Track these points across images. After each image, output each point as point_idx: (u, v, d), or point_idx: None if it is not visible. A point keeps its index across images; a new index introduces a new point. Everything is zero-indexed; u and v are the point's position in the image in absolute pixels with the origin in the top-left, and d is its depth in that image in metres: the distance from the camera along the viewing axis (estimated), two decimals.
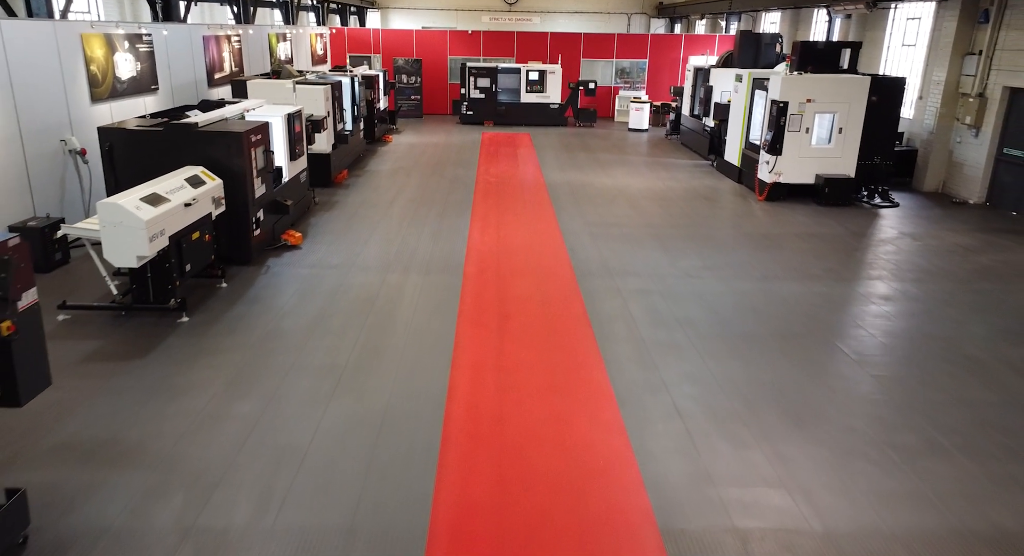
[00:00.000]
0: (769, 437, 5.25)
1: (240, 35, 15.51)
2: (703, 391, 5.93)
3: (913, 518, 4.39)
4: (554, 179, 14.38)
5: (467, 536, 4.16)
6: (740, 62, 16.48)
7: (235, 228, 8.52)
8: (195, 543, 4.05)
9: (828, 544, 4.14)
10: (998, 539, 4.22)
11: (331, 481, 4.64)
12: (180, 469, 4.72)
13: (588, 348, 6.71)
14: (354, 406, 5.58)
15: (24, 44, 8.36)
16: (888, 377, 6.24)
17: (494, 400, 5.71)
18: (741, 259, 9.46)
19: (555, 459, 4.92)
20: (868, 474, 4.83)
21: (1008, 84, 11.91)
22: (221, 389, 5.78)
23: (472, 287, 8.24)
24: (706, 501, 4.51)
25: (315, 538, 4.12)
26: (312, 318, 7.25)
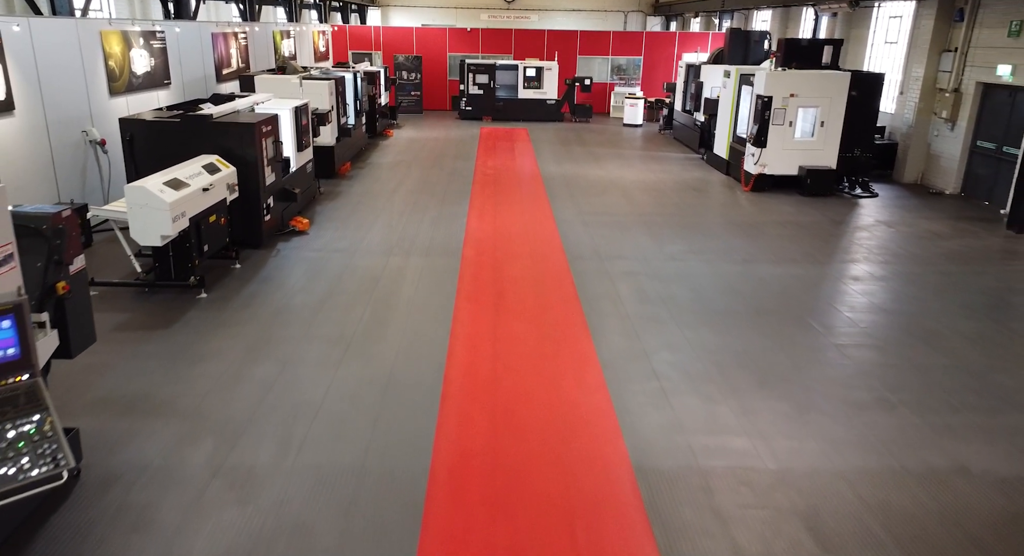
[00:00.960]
0: (736, 395, 5.83)
1: (247, 32, 16.06)
2: (679, 357, 6.51)
3: (857, 459, 4.96)
4: (550, 171, 14.94)
5: (463, 475, 4.73)
6: (730, 59, 17.05)
7: (247, 213, 9.08)
8: (225, 478, 4.62)
9: (780, 479, 4.72)
10: (928, 475, 4.80)
11: (343, 430, 5.21)
12: (208, 420, 5.29)
13: (576, 322, 7.29)
14: (362, 369, 6.15)
15: (49, 41, 8.91)
16: (849, 345, 6.82)
17: (489, 365, 6.28)
18: (724, 244, 10.03)
19: (543, 413, 5.49)
20: (821, 424, 5.40)
21: (981, 80, 12.48)
22: (240, 355, 6.35)
23: (470, 269, 8.81)
24: (676, 446, 5.09)
25: (330, 475, 4.69)
26: (321, 295, 7.82)
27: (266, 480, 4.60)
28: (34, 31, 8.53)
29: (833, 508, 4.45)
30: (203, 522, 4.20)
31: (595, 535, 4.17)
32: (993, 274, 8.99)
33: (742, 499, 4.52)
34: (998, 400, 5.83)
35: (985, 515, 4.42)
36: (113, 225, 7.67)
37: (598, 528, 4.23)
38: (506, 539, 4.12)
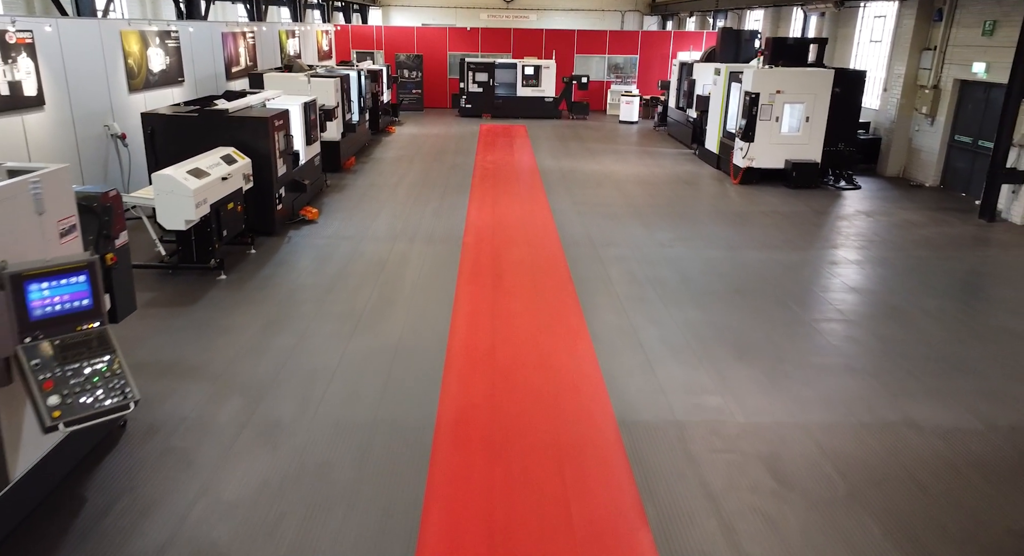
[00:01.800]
0: (714, 363, 6.40)
1: (254, 32, 16.63)
2: (664, 331, 7.08)
3: (818, 415, 5.54)
4: (547, 165, 15.51)
5: (465, 426, 5.31)
6: (721, 57, 17.62)
7: (261, 202, 9.65)
8: (254, 429, 5.19)
9: (747, 430, 5.30)
10: (880, 428, 5.38)
11: (356, 391, 5.79)
12: (235, 382, 5.86)
13: (569, 300, 7.86)
14: (372, 341, 6.72)
15: (75, 41, 9.47)
16: (820, 320, 7.40)
17: (488, 337, 6.86)
18: (711, 232, 10.60)
19: (536, 378, 6.07)
20: (789, 386, 5.98)
21: (958, 77, 13.06)
22: (259, 329, 6.93)
23: (470, 254, 9.39)
24: (656, 404, 5.67)
25: (347, 427, 5.26)
26: (331, 277, 8.40)
27: (290, 430, 5.18)
28: (62, 31, 9.10)
29: (792, 453, 5.03)
30: (237, 463, 4.78)
31: (581, 475, 4.74)
32: (961, 259, 9.58)
33: (712, 446, 5.10)
34: (950, 367, 6.41)
35: (926, 459, 4.99)
36: (140, 212, 8.23)
37: (584, 469, 4.80)
38: (503, 478, 4.70)
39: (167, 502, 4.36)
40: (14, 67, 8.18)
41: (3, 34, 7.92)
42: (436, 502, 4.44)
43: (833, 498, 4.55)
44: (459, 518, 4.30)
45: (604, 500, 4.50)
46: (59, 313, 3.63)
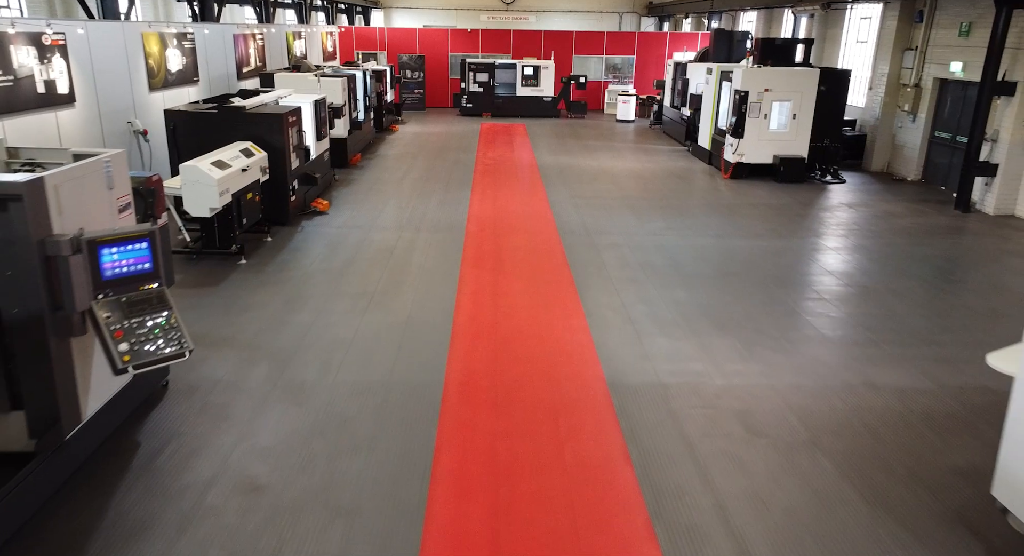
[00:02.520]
0: (697, 335, 7.01)
1: (263, 34, 17.25)
2: (652, 309, 7.69)
3: (788, 378, 6.15)
4: (545, 161, 16.13)
5: (471, 385, 5.92)
6: (714, 57, 18.24)
7: (276, 193, 10.26)
8: (282, 389, 5.80)
9: (724, 390, 5.91)
10: (843, 388, 5.99)
11: (371, 358, 6.40)
12: (262, 350, 6.48)
13: (565, 282, 8.47)
14: (384, 316, 7.33)
15: (102, 42, 10.08)
16: (798, 299, 8.01)
17: (490, 312, 7.47)
18: (701, 222, 11.22)
19: (534, 347, 6.68)
20: (764, 354, 6.59)
21: (938, 76, 13.69)
22: (280, 306, 7.54)
23: (473, 241, 10.00)
24: (642, 369, 6.28)
25: (364, 387, 5.87)
26: (344, 262, 9.01)
27: (314, 390, 5.79)
28: (90, 33, 9.71)
29: (763, 409, 5.64)
30: (268, 415, 5.39)
31: (574, 426, 5.35)
32: (933, 245, 10.19)
33: (692, 403, 5.71)
34: (910, 337, 7.03)
35: (880, 413, 5.61)
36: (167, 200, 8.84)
37: (576, 422, 5.41)
38: (505, 427, 5.31)
39: (210, 446, 4.97)
40: (49, 67, 8.79)
41: (40, 36, 8.53)
42: (446, 446, 5.05)
43: (795, 444, 5.16)
44: (466, 460, 4.90)
45: (593, 445, 5.11)
46: (125, 274, 4.24)
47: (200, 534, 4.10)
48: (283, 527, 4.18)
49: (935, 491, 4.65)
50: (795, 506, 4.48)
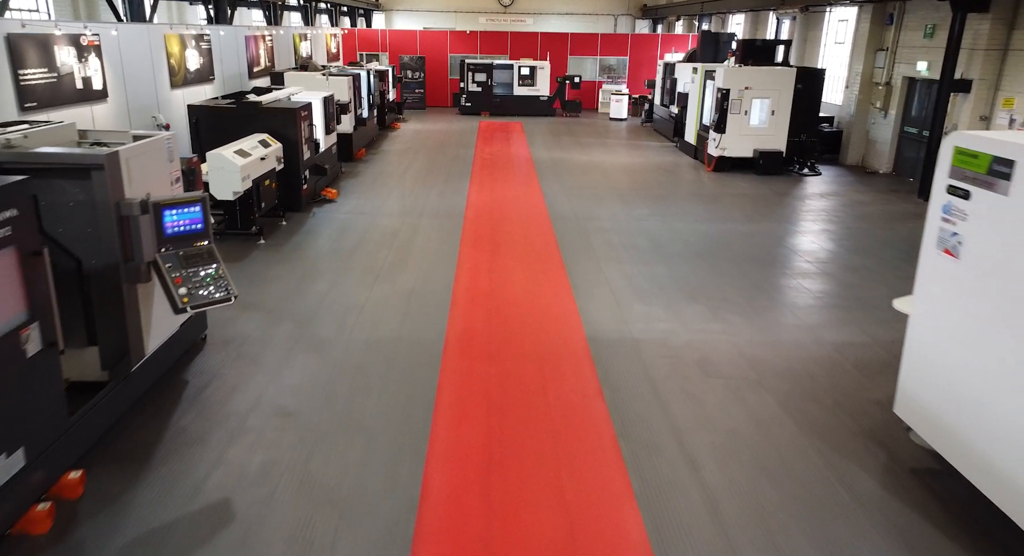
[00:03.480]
0: (669, 303, 7.91)
1: (272, 35, 18.16)
2: (632, 282, 8.59)
3: (745, 335, 7.05)
4: (540, 156, 17.03)
5: (468, 341, 6.80)
6: (702, 58, 19.16)
7: (289, 182, 11.15)
8: (304, 343, 6.69)
9: (687, 343, 6.81)
10: (791, 342, 6.89)
11: (382, 318, 7.29)
12: (284, 313, 7.37)
13: (555, 260, 9.37)
14: (391, 287, 8.23)
15: (130, 43, 10.98)
16: (763, 272, 8.90)
17: (486, 284, 8.36)
18: (683, 210, 12.12)
19: (525, 311, 7.57)
20: (727, 317, 7.49)
21: (906, 74, 14.60)
22: (298, 278, 8.43)
23: (471, 226, 10.89)
24: (618, 328, 7.17)
25: (376, 341, 6.76)
26: (353, 243, 9.90)
27: (332, 344, 6.68)
28: (121, 35, 10.62)
29: (719, 357, 6.53)
30: (294, 362, 6.28)
31: (556, 372, 6.24)
32: (893, 230, 11.10)
33: (659, 353, 6.61)
34: (858, 304, 7.93)
35: (820, 360, 6.50)
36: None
37: (558, 369, 6.30)
38: (497, 373, 6.20)
39: (246, 385, 5.86)
40: (86, 65, 9.69)
41: (79, 37, 9.43)
42: (446, 386, 5.94)
43: (744, 383, 6.06)
44: (464, 398, 5.79)
45: (572, 386, 6.00)
46: (182, 232, 5.13)
47: (245, 444, 4.99)
48: (312, 441, 5.08)
49: (855, 416, 5.55)
50: (738, 428, 5.38)
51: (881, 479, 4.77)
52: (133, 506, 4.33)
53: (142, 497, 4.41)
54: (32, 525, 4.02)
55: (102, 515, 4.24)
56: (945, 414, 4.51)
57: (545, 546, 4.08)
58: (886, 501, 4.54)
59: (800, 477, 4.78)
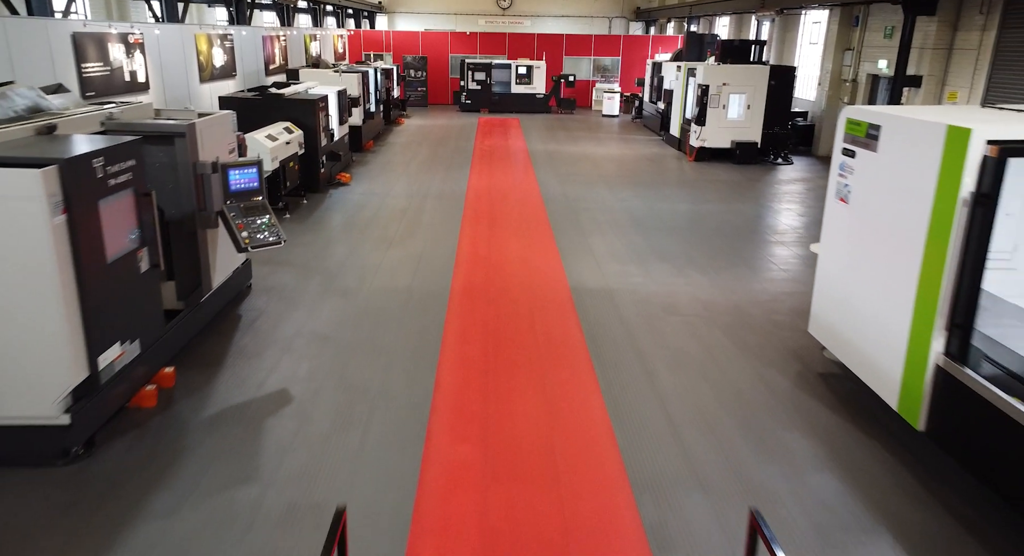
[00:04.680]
0: (643, 264, 9.21)
1: (286, 36, 19.46)
2: (612, 249, 9.89)
3: (703, 288, 8.34)
4: (535, 148, 18.34)
5: (470, 291, 8.10)
6: (687, 57, 20.47)
7: (309, 166, 12.44)
8: (332, 291, 7.99)
9: (655, 292, 8.11)
10: (745, 290, 8.19)
11: (396, 274, 8.58)
12: (314, 269, 8.66)
13: (545, 232, 10.67)
14: (402, 252, 9.52)
15: (167, 41, 12.28)
16: (725, 241, 10.21)
17: (485, 249, 9.66)
18: (663, 193, 13.42)
19: (518, 270, 8.87)
20: (691, 274, 8.79)
21: (870, 72, 15.92)
22: (322, 244, 9.72)
23: (471, 206, 12.19)
24: (598, 282, 8.47)
25: (392, 290, 8.05)
26: (367, 218, 11.20)
27: (356, 292, 7.98)
28: (160, 34, 11.91)
29: (680, 301, 7.83)
30: (325, 304, 7.57)
31: (543, 312, 7.53)
32: None
33: (630, 300, 7.91)
34: (803, 262, 9.24)
35: (764, 303, 7.80)
36: None
37: (545, 309, 7.60)
38: (494, 315, 7.49)
39: (289, 318, 7.15)
40: (132, 61, 10.98)
41: (127, 35, 10.73)
42: (452, 322, 7.24)
43: (697, 320, 7.36)
44: (466, 330, 7.09)
45: (556, 321, 7.30)
46: (242, 189, 6.43)
47: (293, 357, 6.29)
48: (346, 356, 6.37)
49: (782, 340, 6.86)
50: (687, 349, 6.68)
51: (795, 381, 6.08)
52: (214, 393, 5.63)
53: (220, 387, 5.71)
54: (143, 400, 5.32)
55: (191, 398, 5.54)
56: (838, 324, 5.81)
57: (530, 424, 5.38)
58: (797, 395, 5.84)
59: (733, 381, 6.09)
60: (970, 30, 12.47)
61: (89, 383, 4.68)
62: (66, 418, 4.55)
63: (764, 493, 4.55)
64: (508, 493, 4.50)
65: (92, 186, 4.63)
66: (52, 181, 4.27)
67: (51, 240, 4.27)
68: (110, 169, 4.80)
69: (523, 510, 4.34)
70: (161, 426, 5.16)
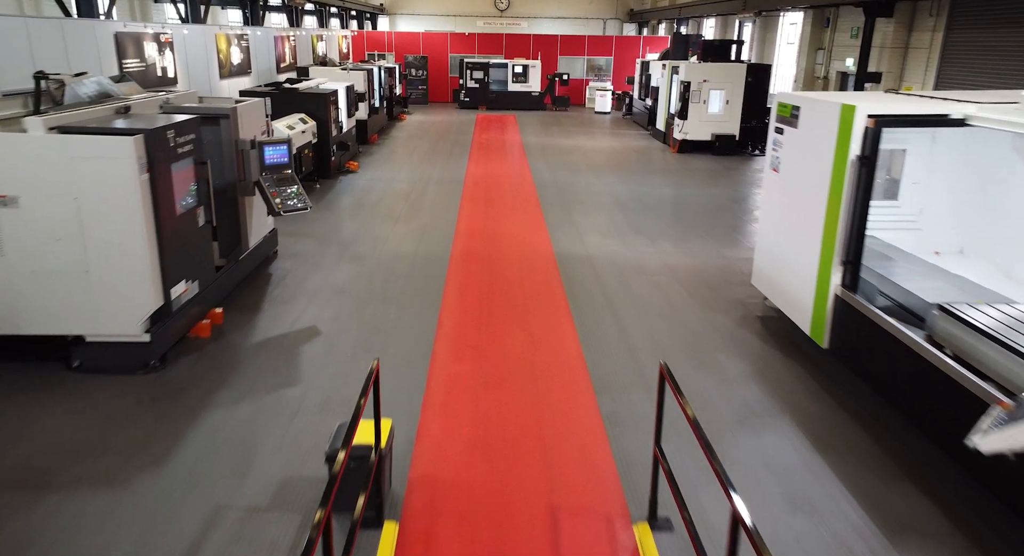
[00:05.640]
0: (621, 237, 10.42)
1: (294, 36, 20.68)
2: (594, 224, 11.10)
3: (674, 254, 9.56)
4: (530, 141, 19.56)
5: (467, 256, 9.30)
6: (673, 56, 21.68)
7: (321, 154, 13.65)
8: (348, 256, 9.20)
9: (628, 257, 9.32)
10: (707, 257, 9.40)
11: (402, 243, 9.79)
12: (330, 240, 9.87)
13: (535, 211, 11.88)
14: (408, 226, 10.73)
15: (192, 40, 13.49)
16: (697, 219, 11.43)
17: (481, 224, 10.87)
18: (646, 180, 14.64)
19: (510, 240, 10.08)
20: (663, 245, 10.01)
21: (839, 69, 17.13)
22: (336, 220, 10.93)
23: (469, 190, 13.41)
24: (579, 250, 9.68)
25: (400, 255, 9.26)
26: (375, 199, 12.41)
27: (367, 257, 9.19)
28: (187, 35, 13.12)
29: (650, 265, 9.04)
30: (342, 266, 8.78)
31: (531, 272, 8.74)
32: None
33: (605, 263, 9.12)
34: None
35: (722, 266, 9.01)
36: None
37: (532, 269, 8.81)
38: (488, 272, 8.70)
39: (312, 277, 8.36)
40: (163, 58, 12.19)
41: (159, 35, 11.94)
42: (452, 278, 8.45)
43: (662, 278, 8.58)
44: (465, 283, 8.29)
45: (541, 278, 8.51)
46: (275, 163, 7.63)
47: (318, 305, 7.50)
48: (362, 304, 7.57)
49: (732, 292, 8.08)
50: (650, 298, 7.89)
51: (736, 321, 7.29)
52: (256, 328, 6.84)
53: (261, 325, 6.93)
54: (200, 331, 6.53)
55: (239, 331, 6.75)
56: (772, 273, 7.02)
57: (515, 350, 6.58)
58: (736, 331, 7.06)
59: (685, 321, 7.30)
60: (923, 30, 13.69)
61: (163, 310, 5.89)
62: (147, 336, 5.76)
63: (699, 395, 5.76)
64: (496, 394, 5.72)
65: (166, 152, 5.83)
66: (140, 146, 5.48)
67: (139, 192, 5.48)
68: (178, 140, 6.01)
69: (507, 405, 5.55)
70: (217, 350, 6.37)
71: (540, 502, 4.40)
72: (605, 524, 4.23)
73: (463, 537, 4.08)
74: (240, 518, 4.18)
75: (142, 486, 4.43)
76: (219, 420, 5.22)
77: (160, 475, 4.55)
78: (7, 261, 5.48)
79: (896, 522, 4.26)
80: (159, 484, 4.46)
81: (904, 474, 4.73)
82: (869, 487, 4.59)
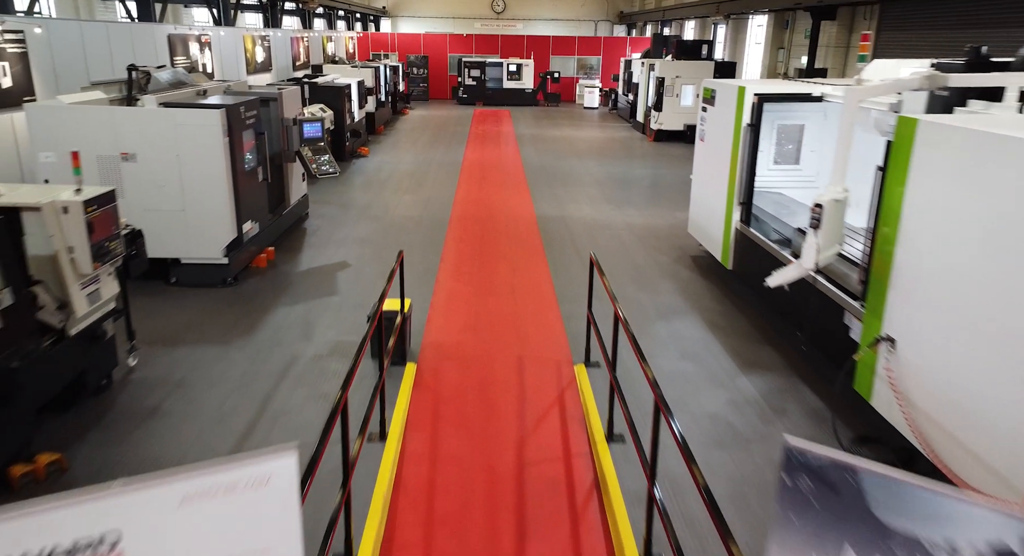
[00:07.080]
0: (594, 205, 12.45)
1: (307, 37, 22.71)
2: (574, 195, 13.13)
3: (637, 217, 11.58)
4: (522, 132, 21.59)
5: (463, 218, 11.32)
6: (653, 55, 23.70)
7: (337, 139, 15.65)
8: (365, 218, 11.21)
9: (599, 221, 11.35)
10: (663, 220, 11.44)
11: (410, 209, 11.81)
12: (349, 206, 11.89)
13: (523, 186, 13.91)
14: (413, 197, 12.76)
15: (224, 40, 15.51)
16: (661, 193, 13.46)
17: (476, 196, 12.90)
18: (622, 162, 16.67)
19: (500, 207, 12.11)
20: (628, 210, 12.04)
21: (796, 66, 19.16)
22: (353, 193, 12.96)
23: (466, 170, 15.44)
24: (556, 213, 11.70)
25: (408, 217, 11.27)
26: (385, 177, 14.43)
27: (382, 217, 11.22)
28: (222, 35, 15.14)
29: (613, 224, 11.07)
30: (361, 224, 10.80)
31: (516, 227, 10.76)
32: None
33: (577, 223, 11.15)
34: None
35: (673, 225, 11.04)
36: None
37: (517, 225, 10.83)
38: (481, 229, 10.72)
39: (338, 231, 10.38)
40: (203, 56, 14.21)
41: (200, 36, 13.96)
42: (452, 233, 10.47)
43: (622, 232, 10.60)
44: (462, 237, 10.31)
45: (523, 233, 10.54)
46: (311, 136, 9.65)
47: (345, 250, 9.52)
48: (380, 249, 9.59)
49: (675, 241, 10.11)
50: (609, 245, 9.92)
51: (674, 259, 9.32)
52: (301, 262, 8.87)
53: (303, 260, 8.96)
54: (259, 262, 8.56)
55: (287, 264, 8.78)
56: (699, 219, 9.05)
57: (501, 277, 8.61)
58: (672, 265, 9.09)
59: (633, 259, 9.33)
60: (860, 31, 15.72)
61: (236, 241, 7.91)
62: (225, 259, 7.78)
63: (635, 303, 7.78)
64: (484, 300, 7.75)
65: (239, 123, 7.86)
66: (223, 118, 7.50)
67: (222, 152, 7.50)
68: (246, 115, 8.04)
69: (492, 307, 7.58)
70: (273, 275, 8.40)
71: (512, 354, 6.43)
72: (555, 365, 6.26)
73: (460, 373, 6.11)
74: (310, 360, 6.21)
75: (241, 344, 6.47)
76: (284, 313, 7.25)
77: (251, 339, 6.58)
78: (127, 201, 7.50)
79: (749, 363, 6.30)
80: (251, 344, 6.49)
81: (764, 340, 6.77)
82: (738, 347, 6.63)
